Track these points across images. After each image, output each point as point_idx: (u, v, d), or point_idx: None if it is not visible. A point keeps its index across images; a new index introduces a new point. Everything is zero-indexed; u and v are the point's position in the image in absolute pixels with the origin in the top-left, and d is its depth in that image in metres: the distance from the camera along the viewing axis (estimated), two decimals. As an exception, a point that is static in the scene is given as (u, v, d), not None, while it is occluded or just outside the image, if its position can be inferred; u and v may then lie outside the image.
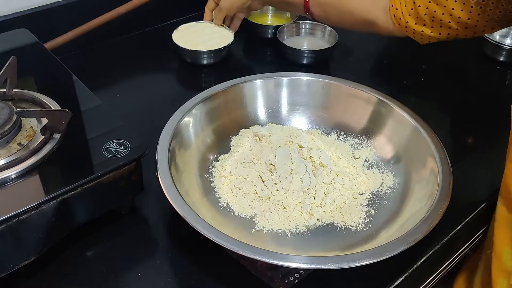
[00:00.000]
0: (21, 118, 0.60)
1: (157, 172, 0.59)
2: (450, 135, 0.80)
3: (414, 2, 0.74)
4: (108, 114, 0.64)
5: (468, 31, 0.74)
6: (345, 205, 0.64)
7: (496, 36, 1.00)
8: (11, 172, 0.53)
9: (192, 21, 0.96)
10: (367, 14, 0.79)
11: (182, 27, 0.94)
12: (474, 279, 0.68)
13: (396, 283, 0.58)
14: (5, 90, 0.63)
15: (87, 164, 0.57)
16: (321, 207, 0.63)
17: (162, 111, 0.69)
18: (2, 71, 0.62)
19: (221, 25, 0.95)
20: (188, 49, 0.90)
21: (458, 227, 0.65)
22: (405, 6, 0.75)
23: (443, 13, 0.72)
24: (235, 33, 0.94)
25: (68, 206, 0.54)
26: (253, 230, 0.61)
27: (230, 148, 0.71)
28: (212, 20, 0.96)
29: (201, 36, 0.93)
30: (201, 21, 0.96)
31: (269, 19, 1.07)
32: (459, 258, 0.70)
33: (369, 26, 0.81)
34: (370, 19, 0.79)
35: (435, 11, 0.73)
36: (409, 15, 0.75)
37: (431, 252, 0.61)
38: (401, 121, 0.71)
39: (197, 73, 0.93)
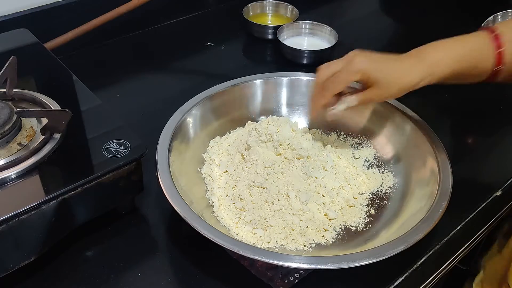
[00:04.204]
0: (21, 118, 0.60)
1: (157, 172, 0.59)
2: (450, 135, 0.80)
3: None
4: (108, 114, 0.64)
5: None
6: (345, 205, 0.64)
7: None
8: (11, 172, 0.53)
9: (192, 20, 0.94)
10: None
11: None
12: None
13: (396, 283, 0.58)
14: (5, 90, 0.63)
15: (87, 164, 0.57)
16: (329, 219, 0.62)
17: (162, 111, 0.69)
18: (2, 71, 0.62)
19: None
20: None
21: (458, 227, 0.65)
22: None
23: None
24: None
25: (68, 206, 0.54)
26: (254, 229, 0.61)
27: (230, 149, 0.71)
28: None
29: None
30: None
31: (269, 19, 1.08)
32: (459, 258, 0.70)
33: None
34: None
35: None
36: None
37: (431, 252, 0.61)
38: (401, 121, 0.71)
39: (200, 73, 0.93)
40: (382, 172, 0.69)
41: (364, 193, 0.66)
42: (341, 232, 0.61)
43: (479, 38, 0.62)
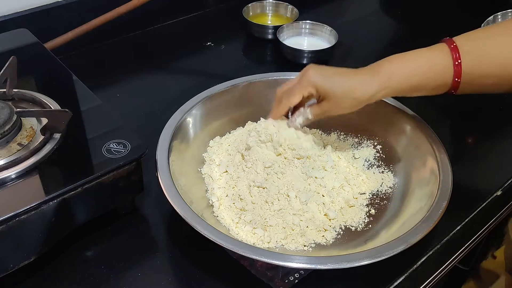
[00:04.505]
0: (21, 118, 0.60)
1: (157, 172, 0.59)
2: (450, 135, 0.80)
3: None
4: (108, 114, 0.64)
5: None
6: (345, 205, 0.64)
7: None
8: (11, 172, 0.53)
9: (192, 20, 0.94)
10: None
11: None
12: None
13: (396, 283, 0.58)
14: (5, 90, 0.63)
15: (87, 164, 0.57)
16: (329, 219, 0.62)
17: (162, 111, 0.69)
18: (2, 71, 0.62)
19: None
20: None
21: (458, 227, 0.65)
22: None
23: None
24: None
25: (68, 206, 0.54)
26: (254, 229, 0.61)
27: (230, 149, 0.71)
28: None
29: None
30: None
31: (269, 19, 1.08)
32: (459, 258, 0.70)
33: None
34: None
35: None
36: None
37: (431, 252, 0.61)
38: (401, 121, 0.71)
39: (200, 73, 0.93)
40: (382, 172, 0.69)
41: (364, 193, 0.66)
42: (341, 232, 0.61)
43: (437, 51, 0.62)
